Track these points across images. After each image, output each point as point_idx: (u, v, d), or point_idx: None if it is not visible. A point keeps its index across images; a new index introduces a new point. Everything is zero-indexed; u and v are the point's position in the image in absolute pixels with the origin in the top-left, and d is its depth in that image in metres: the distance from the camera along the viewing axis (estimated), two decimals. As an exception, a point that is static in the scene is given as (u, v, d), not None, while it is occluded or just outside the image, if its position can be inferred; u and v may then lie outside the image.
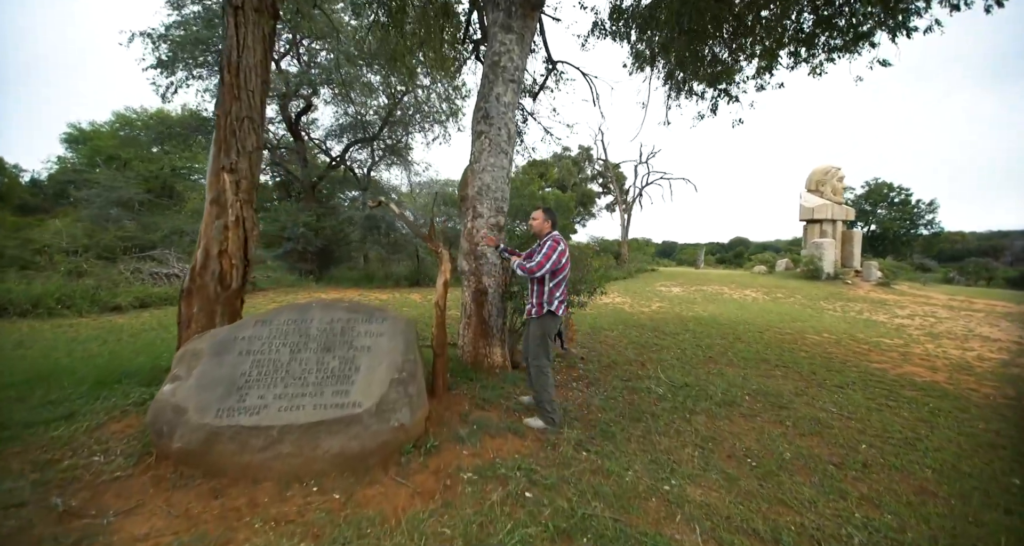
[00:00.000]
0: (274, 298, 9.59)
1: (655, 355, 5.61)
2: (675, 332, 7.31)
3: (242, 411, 2.35)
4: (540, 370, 3.22)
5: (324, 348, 2.78)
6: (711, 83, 6.59)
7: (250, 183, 3.99)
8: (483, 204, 4.13)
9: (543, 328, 3.26)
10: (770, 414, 3.66)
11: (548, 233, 3.33)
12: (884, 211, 33.52)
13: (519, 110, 6.36)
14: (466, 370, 4.08)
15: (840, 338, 7.58)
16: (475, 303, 4.13)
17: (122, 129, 21.69)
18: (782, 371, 5.09)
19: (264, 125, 4.19)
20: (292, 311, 3.01)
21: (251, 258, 4.06)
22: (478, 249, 4.13)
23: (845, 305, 12.56)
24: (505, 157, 4.18)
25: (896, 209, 33.36)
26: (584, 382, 4.33)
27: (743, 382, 4.51)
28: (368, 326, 2.99)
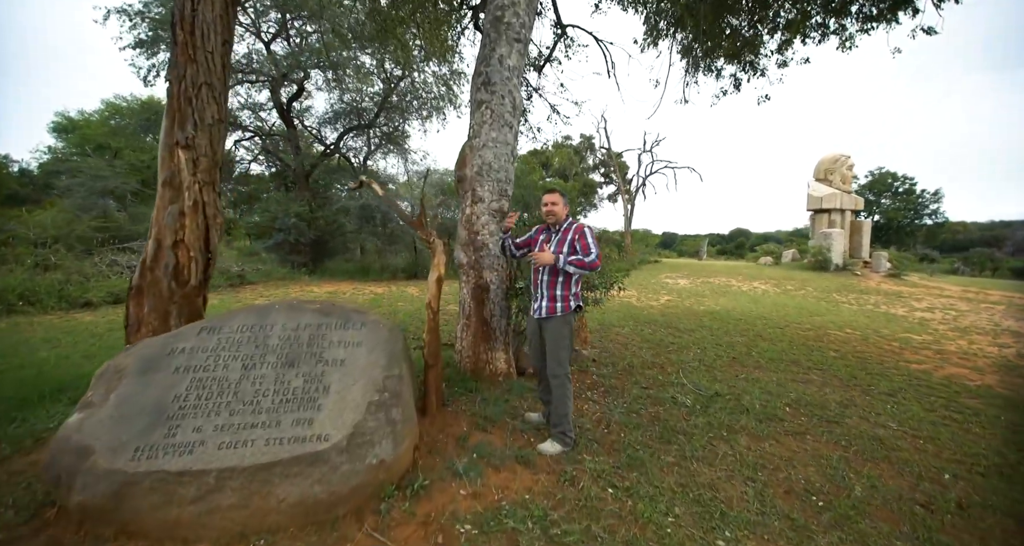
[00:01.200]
0: (263, 292, 9.01)
1: (674, 356, 5.04)
2: (691, 328, 6.73)
3: (170, 450, 1.77)
4: (564, 381, 2.67)
5: (286, 363, 2.20)
6: (734, 56, 5.92)
7: (211, 162, 3.38)
8: (484, 186, 3.52)
9: (569, 327, 2.72)
10: (821, 431, 3.09)
11: (566, 219, 2.80)
12: (888, 201, 32.81)
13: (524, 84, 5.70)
14: (465, 379, 3.51)
15: (866, 334, 7.01)
16: (475, 301, 3.54)
17: (112, 118, 20.94)
18: (818, 375, 4.52)
19: (227, 93, 3.55)
20: (248, 315, 2.42)
21: (214, 250, 3.46)
22: (478, 239, 3.52)
23: (859, 297, 11.99)
24: (509, 131, 3.56)
25: (900, 199, 32.65)
26: (599, 390, 3.76)
27: (779, 390, 3.95)
28: (343, 333, 2.40)
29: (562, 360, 2.67)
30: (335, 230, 12.51)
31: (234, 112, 13.79)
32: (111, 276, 7.47)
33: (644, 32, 6.84)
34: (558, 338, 2.67)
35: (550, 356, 2.71)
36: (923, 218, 32.53)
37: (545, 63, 6.02)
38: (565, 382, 2.66)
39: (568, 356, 2.72)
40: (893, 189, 32.66)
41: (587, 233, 2.69)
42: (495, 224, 3.55)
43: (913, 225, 32.30)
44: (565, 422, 2.64)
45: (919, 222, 32.47)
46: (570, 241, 2.70)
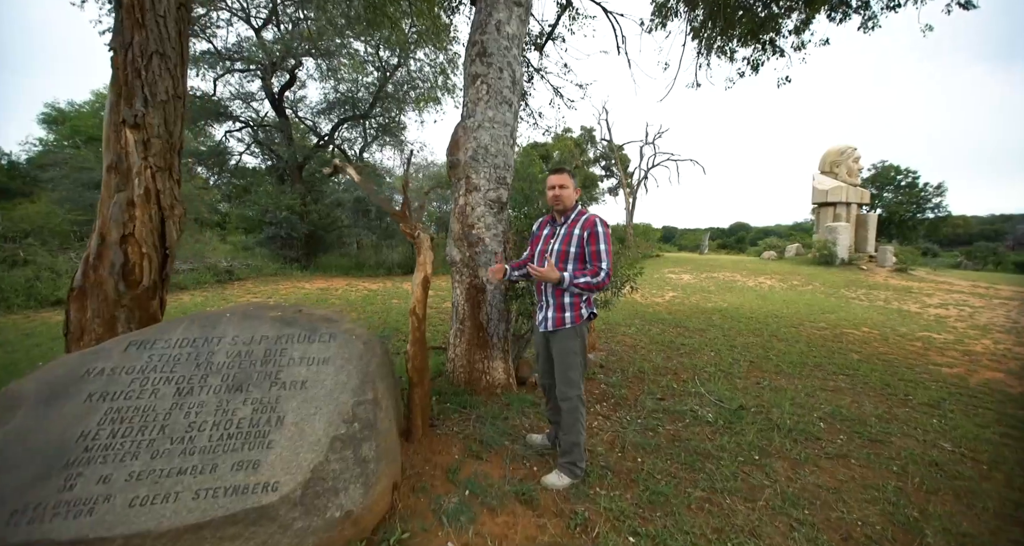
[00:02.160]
0: (251, 288, 8.57)
1: (687, 360, 4.62)
2: (701, 328, 6.31)
3: (63, 509, 1.34)
4: (576, 404, 2.22)
5: (232, 386, 1.76)
6: (754, 35, 5.42)
7: (166, 144, 2.92)
8: (479, 173, 3.07)
9: (582, 340, 2.24)
10: (866, 454, 2.67)
11: (575, 207, 2.29)
12: (891, 194, 32.27)
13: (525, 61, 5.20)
14: (458, 392, 3.08)
15: (884, 333, 6.60)
16: (469, 303, 3.11)
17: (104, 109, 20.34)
18: (846, 381, 4.10)
19: (186, 67, 3.08)
20: (191, 326, 1.98)
21: (172, 246, 3.01)
22: (473, 233, 3.08)
23: (868, 293, 11.58)
24: (508, 109, 3.10)
25: (903, 192, 32.12)
26: (610, 403, 3.34)
27: (808, 400, 3.53)
28: (307, 348, 1.96)
29: (573, 380, 2.22)
30: (329, 224, 12.04)
31: (224, 102, 13.26)
32: (88, 272, 7.03)
33: (652, 11, 6.34)
34: (568, 354, 2.21)
35: (559, 376, 2.26)
36: (925, 212, 32.04)
37: (547, 40, 5.52)
38: (578, 405, 2.21)
39: (581, 375, 2.25)
40: (896, 183, 32.12)
41: (600, 233, 2.13)
42: (492, 216, 3.10)
43: (915, 219, 31.82)
44: (576, 451, 2.21)
45: (921, 216, 31.99)
46: (578, 238, 2.17)
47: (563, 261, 2.19)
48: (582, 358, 2.25)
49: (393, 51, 12.25)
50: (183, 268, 8.57)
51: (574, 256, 2.18)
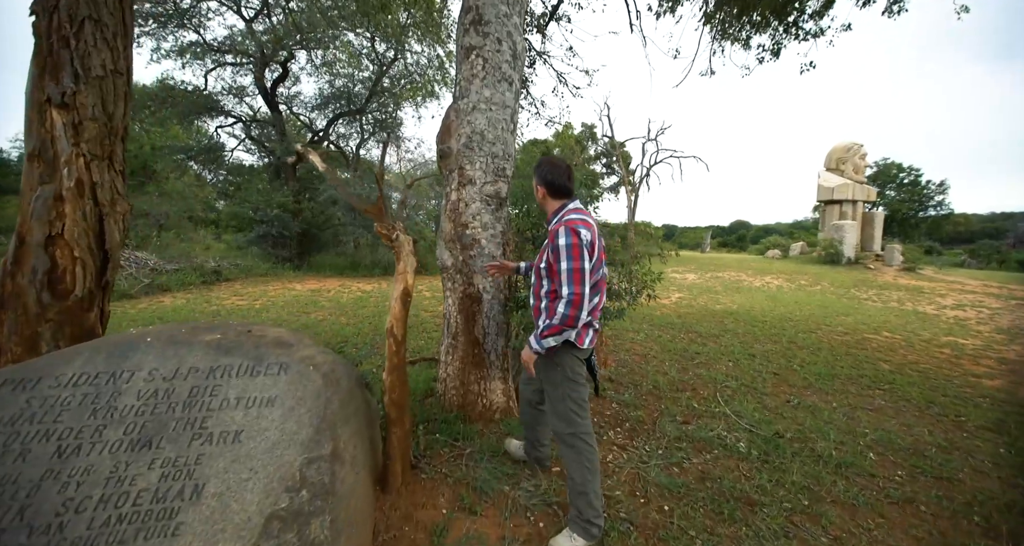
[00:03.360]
0: (239, 289, 8.10)
1: (704, 371, 4.16)
2: (714, 333, 5.86)
3: None
4: (574, 444, 1.77)
5: (138, 442, 1.30)
6: (777, 15, 4.94)
7: (104, 128, 2.45)
8: (474, 163, 2.60)
9: (564, 365, 1.78)
10: (935, 496, 2.22)
11: (556, 212, 1.83)
12: (893, 192, 31.81)
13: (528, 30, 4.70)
14: (449, 419, 2.62)
15: (908, 339, 6.15)
16: (463, 315, 2.64)
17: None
18: (884, 397, 3.65)
19: (129, 38, 2.61)
20: (95, 357, 1.52)
21: (114, 248, 2.55)
22: (467, 233, 2.62)
23: (879, 293, 11.13)
24: (508, 88, 2.63)
25: (905, 190, 31.67)
26: (625, 429, 2.88)
27: (849, 423, 3.07)
28: (248, 384, 1.50)
29: (565, 415, 1.78)
30: (323, 222, 11.56)
31: (215, 96, 12.76)
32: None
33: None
34: (551, 385, 1.81)
35: (549, 410, 1.86)
36: (927, 210, 31.61)
37: (551, 19, 5.03)
38: (579, 445, 1.77)
39: (578, 409, 1.79)
40: (898, 180, 31.67)
41: (561, 247, 1.63)
42: (489, 214, 2.64)
43: (917, 217, 31.39)
44: (584, 503, 1.74)
45: (923, 214, 31.56)
46: (547, 255, 1.74)
47: (538, 277, 1.83)
48: (569, 389, 1.78)
49: (389, 43, 11.75)
50: (168, 269, 8.10)
51: (546, 272, 1.76)
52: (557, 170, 1.83)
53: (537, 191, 1.88)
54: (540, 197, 1.89)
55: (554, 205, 1.85)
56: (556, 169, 1.84)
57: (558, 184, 1.82)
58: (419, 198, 13.70)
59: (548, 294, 1.76)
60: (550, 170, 1.84)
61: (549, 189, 1.84)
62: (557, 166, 1.85)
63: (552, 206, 1.86)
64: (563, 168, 1.84)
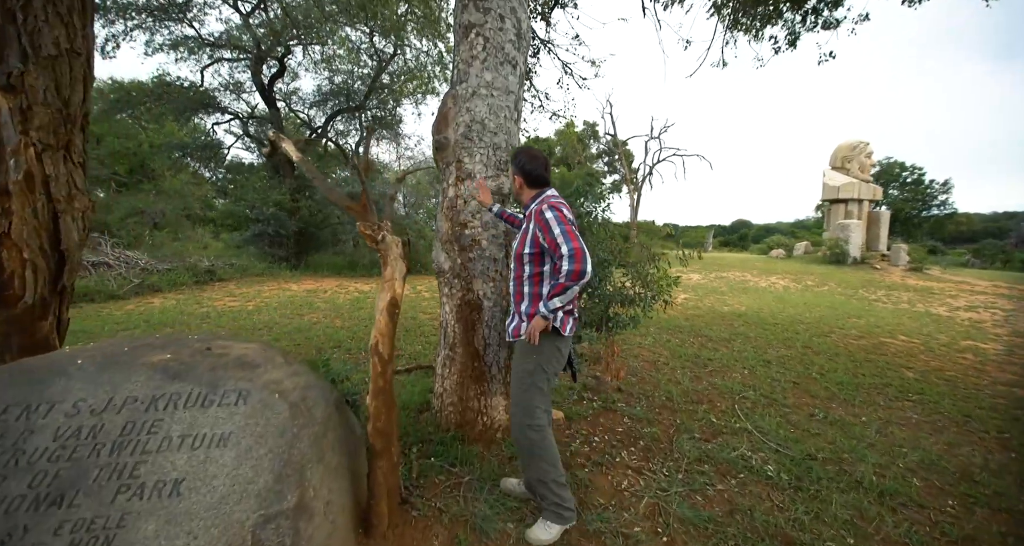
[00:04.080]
0: (233, 290, 7.83)
1: (719, 380, 3.89)
2: (725, 338, 5.58)
3: None
4: (529, 434, 1.74)
5: (46, 498, 1.03)
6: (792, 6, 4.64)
7: (59, 115, 2.18)
8: (474, 155, 2.33)
9: (543, 354, 1.77)
10: (996, 531, 1.94)
11: (534, 198, 1.88)
12: (896, 191, 31.45)
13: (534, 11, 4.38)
14: (445, 440, 2.34)
15: (927, 343, 5.87)
16: (462, 324, 2.37)
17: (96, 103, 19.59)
18: (916, 410, 3.38)
19: (89, 16, 2.33)
20: (8, 385, 1.24)
21: (71, 249, 2.27)
22: (466, 233, 2.34)
23: (889, 294, 10.84)
24: (512, 71, 2.35)
25: (908, 190, 31.31)
26: (639, 448, 2.60)
27: (883, 441, 2.80)
28: (198, 418, 1.23)
29: (528, 405, 1.76)
30: (321, 221, 11.28)
31: (212, 92, 12.48)
32: (48, 274, 6.31)
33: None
34: (519, 373, 1.80)
35: (512, 395, 1.84)
36: (931, 209, 31.26)
37: (555, 5, 4.72)
38: (533, 437, 1.74)
39: (543, 402, 1.78)
40: (901, 180, 31.32)
41: (548, 219, 1.68)
42: (491, 213, 2.36)
43: (920, 217, 31.05)
44: (548, 491, 1.73)
45: (927, 213, 31.22)
46: (532, 236, 1.77)
47: (519, 263, 1.85)
48: (539, 380, 1.76)
49: (387, 38, 11.46)
50: (159, 268, 7.84)
51: (529, 257, 1.81)
52: (535, 160, 1.87)
53: (514, 181, 1.93)
54: (517, 187, 1.93)
55: (531, 193, 1.89)
56: (534, 159, 1.87)
57: (536, 174, 1.86)
58: (419, 196, 13.41)
59: (532, 277, 1.81)
60: (528, 160, 1.87)
61: (527, 179, 1.88)
62: (535, 157, 1.88)
63: (528, 194, 1.90)
64: (541, 159, 1.89)
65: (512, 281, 1.91)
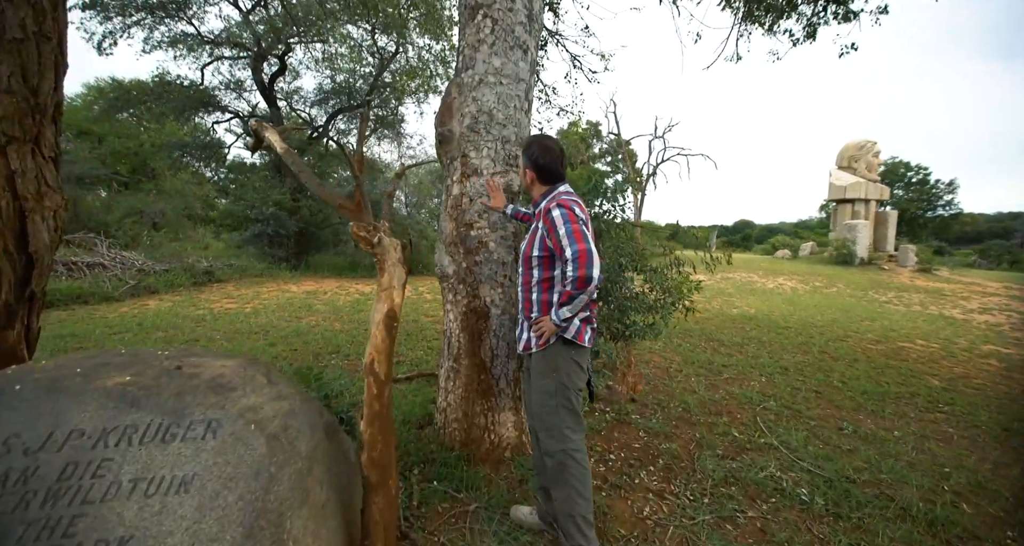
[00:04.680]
0: (231, 291, 7.64)
1: (736, 389, 3.67)
2: (737, 342, 5.37)
3: None
4: (565, 460, 1.53)
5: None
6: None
7: (27, 105, 1.97)
8: (480, 149, 2.12)
9: (560, 370, 1.57)
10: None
11: (545, 195, 1.68)
12: (901, 191, 31.13)
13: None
14: (449, 460, 2.14)
15: (947, 348, 5.64)
16: (467, 333, 2.17)
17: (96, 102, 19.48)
18: (949, 423, 3.16)
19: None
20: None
21: (41, 251, 2.07)
22: (472, 235, 2.14)
23: (899, 296, 10.60)
24: (523, 57, 2.14)
25: (914, 190, 30.99)
26: (659, 468, 2.39)
27: (923, 459, 2.58)
28: (156, 456, 1.02)
29: (557, 429, 1.55)
30: (322, 221, 11.09)
31: (213, 91, 12.32)
32: (41, 275, 6.13)
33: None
34: (541, 393, 1.58)
35: (537, 421, 1.63)
36: (936, 209, 30.95)
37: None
38: (569, 464, 1.53)
39: (573, 422, 1.57)
40: (906, 179, 31.01)
41: (556, 217, 1.50)
42: (499, 212, 2.16)
43: (926, 217, 30.74)
44: (573, 527, 1.51)
45: (932, 213, 30.90)
46: (541, 237, 1.59)
47: (527, 267, 1.67)
48: (564, 398, 1.56)
49: (389, 35, 11.27)
50: (156, 269, 7.65)
51: (538, 261, 1.62)
52: (550, 153, 1.66)
53: (525, 175, 1.72)
54: (528, 182, 1.73)
55: (542, 189, 1.70)
56: (548, 152, 1.66)
57: (550, 168, 1.66)
58: (421, 196, 13.22)
59: (541, 283, 1.63)
60: (541, 152, 1.66)
61: (539, 173, 1.68)
62: (549, 148, 1.67)
63: (539, 190, 1.71)
64: (555, 151, 1.67)
65: (520, 287, 1.73)
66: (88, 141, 19.24)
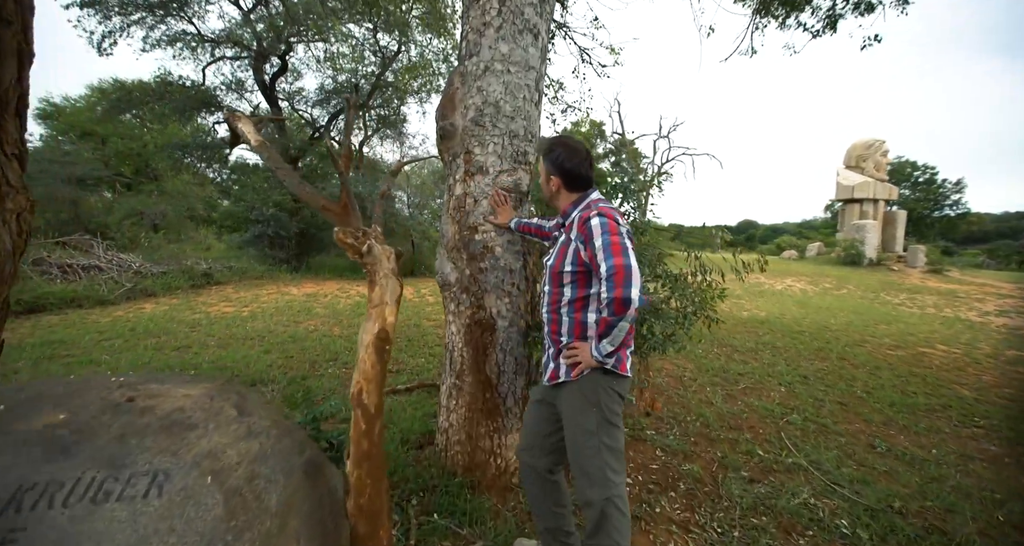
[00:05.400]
0: (230, 294, 7.46)
1: (756, 401, 3.45)
2: (751, 348, 5.14)
3: None
4: (608, 510, 1.27)
5: None
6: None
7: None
8: (486, 145, 1.91)
9: (602, 404, 1.32)
10: None
11: (576, 203, 1.44)
12: (907, 191, 30.73)
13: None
14: (451, 488, 1.93)
15: (969, 353, 5.40)
16: (471, 348, 1.95)
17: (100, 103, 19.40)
18: (992, 441, 2.92)
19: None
20: None
21: (2, 258, 1.88)
22: (476, 239, 1.93)
23: (912, 298, 10.32)
24: (534, 42, 1.93)
25: (920, 189, 30.58)
26: (680, 493, 2.17)
27: (967, 482, 2.35)
28: (78, 523, 0.81)
29: (599, 474, 1.28)
30: (323, 222, 10.89)
31: (214, 91, 12.17)
32: (34, 277, 5.95)
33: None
34: (577, 431, 1.32)
35: (572, 465, 1.35)
36: (943, 209, 30.54)
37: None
38: (611, 514, 1.26)
39: (616, 464, 1.31)
40: (913, 179, 30.62)
41: (595, 226, 1.26)
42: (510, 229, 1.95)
43: (932, 217, 30.34)
44: None
45: (939, 213, 30.50)
46: (575, 250, 1.35)
47: (556, 285, 1.43)
48: (606, 437, 1.30)
49: (391, 34, 11.09)
50: (154, 271, 7.48)
51: (571, 277, 1.38)
52: (577, 155, 1.44)
53: (549, 182, 1.48)
54: (552, 189, 1.48)
55: (571, 197, 1.47)
56: (575, 154, 1.44)
57: (577, 173, 1.44)
58: (423, 196, 13.02)
59: (574, 302, 1.39)
60: (568, 155, 1.44)
61: (566, 179, 1.45)
62: (576, 150, 1.46)
63: (568, 199, 1.47)
64: (582, 152, 1.46)
65: (545, 307, 1.48)
66: (92, 142, 19.18)
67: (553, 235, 1.58)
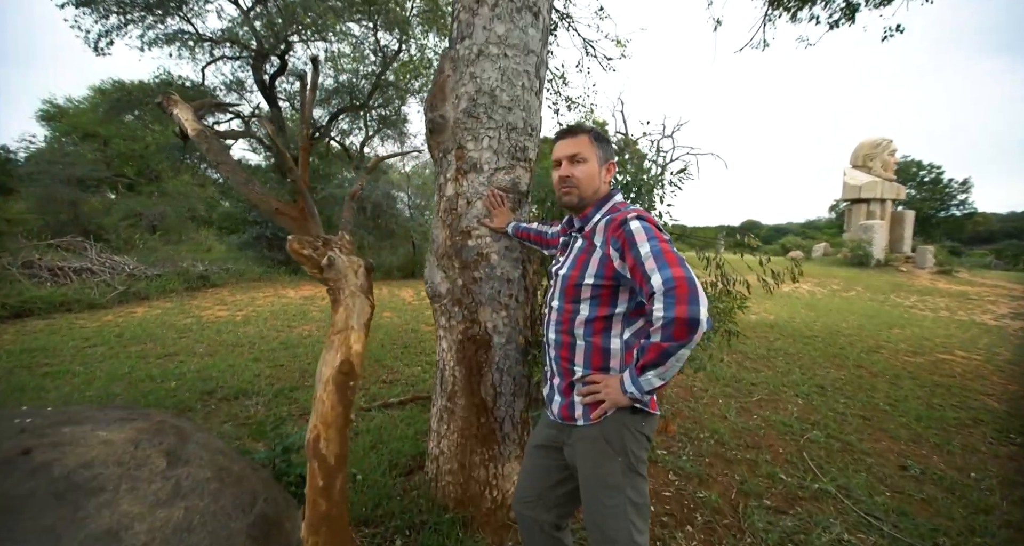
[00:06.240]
0: (226, 297, 7.26)
1: (772, 414, 3.20)
2: (762, 354, 4.89)
3: None
4: None
5: None
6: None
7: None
8: (480, 139, 1.68)
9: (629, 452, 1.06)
10: None
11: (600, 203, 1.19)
12: (913, 191, 30.30)
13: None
14: (443, 526, 1.70)
15: (991, 360, 5.13)
16: (464, 367, 1.72)
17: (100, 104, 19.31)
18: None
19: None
20: None
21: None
22: (470, 245, 1.70)
23: (923, 300, 10.03)
24: (534, 22, 1.70)
25: (926, 189, 30.15)
26: (697, 527, 1.93)
27: (1013, 510, 2.11)
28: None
29: (624, 532, 1.02)
30: (324, 222, 10.70)
31: (214, 91, 12.01)
32: (22, 279, 5.75)
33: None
34: (612, 487, 1.05)
35: (588, 524, 1.09)
36: (950, 209, 30.11)
37: (578, -30, 4.07)
38: None
39: (641, 519, 1.06)
40: (919, 179, 30.19)
41: (636, 230, 1.01)
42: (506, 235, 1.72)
43: (939, 217, 29.92)
44: None
45: (946, 213, 30.07)
46: (602, 258, 1.10)
47: (569, 300, 1.16)
48: (632, 488, 1.06)
49: (392, 32, 10.88)
50: (148, 274, 7.29)
51: (592, 291, 1.11)
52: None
53: (601, 172, 1.20)
54: (602, 179, 1.20)
55: (603, 190, 1.22)
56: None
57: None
58: (425, 197, 12.80)
59: (590, 323, 1.12)
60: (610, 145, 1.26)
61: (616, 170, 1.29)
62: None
63: (597, 185, 1.20)
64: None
65: (553, 326, 1.20)
66: (94, 143, 19.09)
67: (560, 241, 1.33)
